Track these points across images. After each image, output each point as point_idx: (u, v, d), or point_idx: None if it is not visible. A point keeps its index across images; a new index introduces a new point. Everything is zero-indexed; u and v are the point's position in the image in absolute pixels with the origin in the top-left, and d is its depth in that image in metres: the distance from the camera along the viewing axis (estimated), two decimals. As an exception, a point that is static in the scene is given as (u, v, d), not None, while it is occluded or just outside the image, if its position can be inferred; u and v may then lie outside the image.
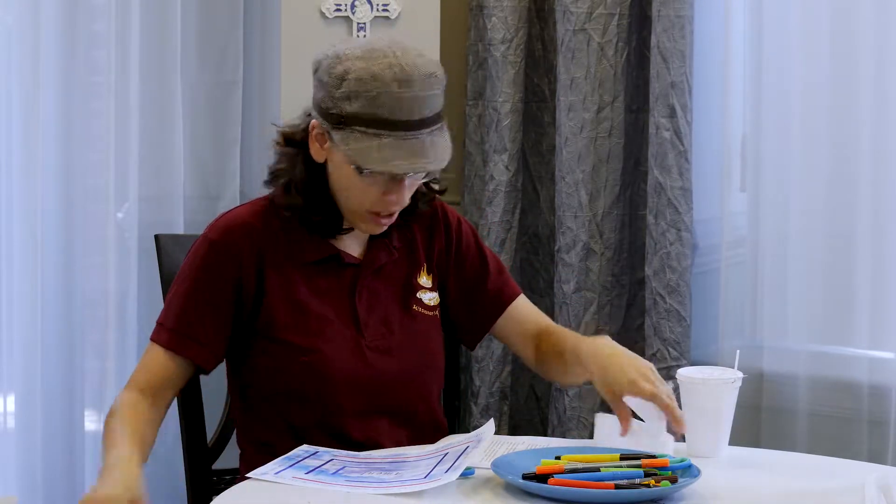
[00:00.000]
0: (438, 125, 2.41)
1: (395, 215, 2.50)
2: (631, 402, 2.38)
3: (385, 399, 2.50)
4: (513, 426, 3.75)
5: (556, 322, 3.62)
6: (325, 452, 2.36)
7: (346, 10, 3.51)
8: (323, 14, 3.50)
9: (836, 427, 3.40)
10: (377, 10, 3.52)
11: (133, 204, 3.42)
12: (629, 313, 3.67)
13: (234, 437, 2.65)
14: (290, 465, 2.27)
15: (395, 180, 2.42)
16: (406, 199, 2.47)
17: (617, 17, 3.57)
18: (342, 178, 2.45)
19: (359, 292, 2.52)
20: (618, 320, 3.65)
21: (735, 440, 2.42)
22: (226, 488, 2.23)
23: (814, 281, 3.43)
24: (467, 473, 2.23)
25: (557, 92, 3.60)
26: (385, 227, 2.51)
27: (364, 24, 3.51)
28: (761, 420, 3.46)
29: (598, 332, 3.63)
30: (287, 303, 2.47)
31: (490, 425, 2.35)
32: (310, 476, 2.22)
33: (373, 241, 2.56)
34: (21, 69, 3.29)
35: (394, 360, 2.52)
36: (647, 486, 2.11)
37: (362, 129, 2.37)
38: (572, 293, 3.60)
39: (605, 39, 3.57)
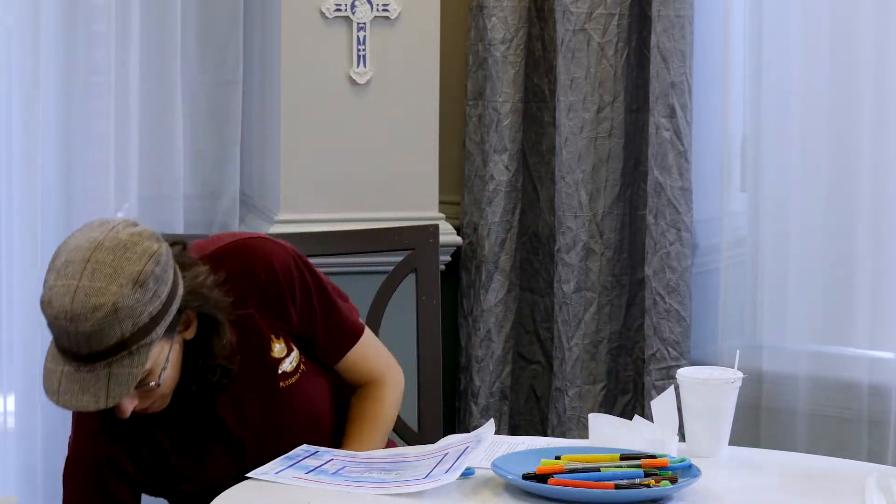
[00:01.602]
0: (121, 354, 2.16)
1: (155, 405, 2.32)
2: (655, 402, 2.38)
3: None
4: (513, 426, 3.75)
5: (556, 322, 3.63)
6: (325, 452, 2.35)
7: (346, 10, 3.51)
8: (323, 14, 3.50)
9: (836, 427, 3.40)
10: (377, 10, 3.52)
11: (133, 204, 3.41)
12: (629, 313, 3.67)
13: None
14: (290, 465, 2.27)
15: None
16: (128, 411, 2.25)
17: (617, 17, 3.57)
18: None
19: (222, 414, 2.40)
20: (618, 320, 3.65)
21: (735, 440, 2.42)
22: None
23: (814, 281, 3.42)
24: (467, 473, 2.23)
25: (557, 92, 3.60)
26: (157, 410, 2.33)
27: (364, 24, 3.51)
28: (761, 420, 3.46)
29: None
30: (157, 469, 2.40)
31: (490, 425, 2.34)
32: (310, 476, 2.21)
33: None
34: (21, 69, 3.29)
35: (283, 440, 2.40)
36: (647, 486, 2.11)
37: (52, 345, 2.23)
38: (572, 293, 3.59)
39: (605, 39, 3.57)
